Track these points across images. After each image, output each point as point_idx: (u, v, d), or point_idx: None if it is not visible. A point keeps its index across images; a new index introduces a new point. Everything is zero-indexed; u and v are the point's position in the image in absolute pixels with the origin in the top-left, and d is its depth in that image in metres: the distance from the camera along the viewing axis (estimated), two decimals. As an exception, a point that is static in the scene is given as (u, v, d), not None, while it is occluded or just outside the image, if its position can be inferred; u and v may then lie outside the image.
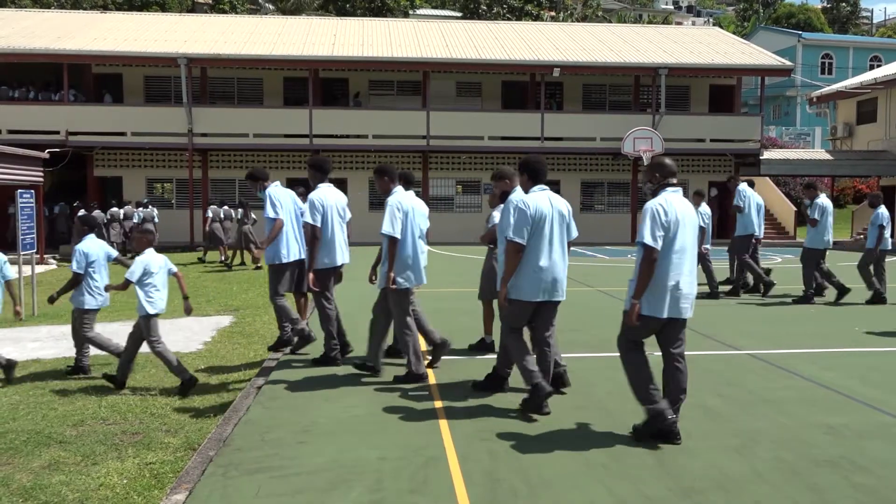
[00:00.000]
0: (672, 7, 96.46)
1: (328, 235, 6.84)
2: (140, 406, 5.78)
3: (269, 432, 4.98)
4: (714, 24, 60.77)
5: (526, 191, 5.44)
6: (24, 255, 10.82)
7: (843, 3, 74.54)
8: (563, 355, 6.30)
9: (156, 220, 20.18)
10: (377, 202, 25.69)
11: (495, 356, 6.23)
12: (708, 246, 12.19)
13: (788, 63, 27.14)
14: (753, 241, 12.24)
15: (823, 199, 11.32)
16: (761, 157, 25.61)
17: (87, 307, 6.73)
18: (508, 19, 43.75)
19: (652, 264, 4.63)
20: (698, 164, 26.75)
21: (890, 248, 11.53)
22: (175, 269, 6.57)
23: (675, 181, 4.86)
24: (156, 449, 4.81)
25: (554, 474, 4.23)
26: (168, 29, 26.55)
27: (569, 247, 5.58)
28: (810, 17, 65.88)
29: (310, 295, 7.88)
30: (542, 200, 5.31)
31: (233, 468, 4.33)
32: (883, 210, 11.44)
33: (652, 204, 4.73)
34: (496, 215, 6.76)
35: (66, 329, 9.33)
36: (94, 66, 25.16)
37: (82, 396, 6.07)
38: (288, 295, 7.61)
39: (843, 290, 11.39)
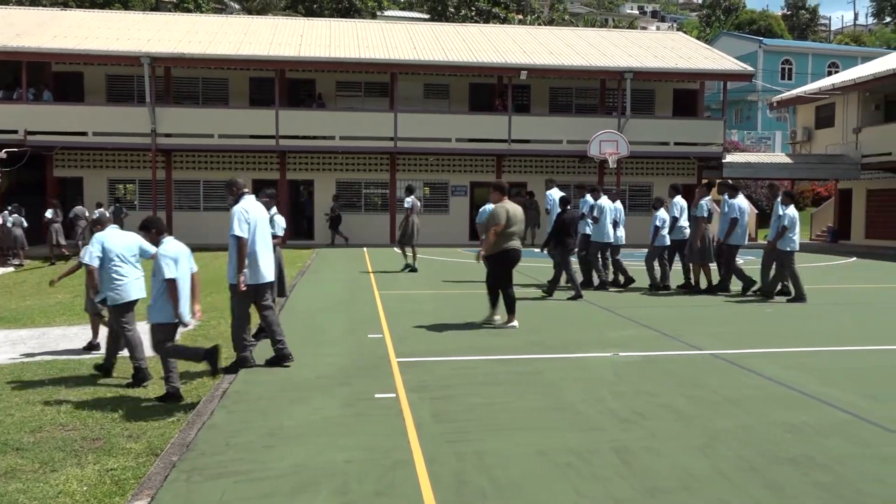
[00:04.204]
0: (637, 12, 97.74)
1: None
2: (101, 411, 5.66)
3: (234, 436, 4.91)
4: (678, 30, 61.69)
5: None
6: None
7: (803, 11, 76.35)
8: (526, 357, 6.33)
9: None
10: (344, 204, 25.60)
11: (466, 357, 6.23)
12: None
13: (750, 68, 27.67)
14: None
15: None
16: (724, 161, 26.05)
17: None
18: (476, 22, 43.89)
19: None
20: (663, 167, 27.12)
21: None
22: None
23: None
24: (117, 455, 4.71)
25: (521, 476, 4.24)
26: (131, 27, 26.10)
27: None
28: (771, 24, 67.29)
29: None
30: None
31: (196, 473, 4.27)
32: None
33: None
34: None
35: (24, 333, 9.13)
36: (55, 65, 24.63)
37: (40, 402, 5.93)
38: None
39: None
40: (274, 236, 8.24)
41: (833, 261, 20.28)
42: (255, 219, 6.55)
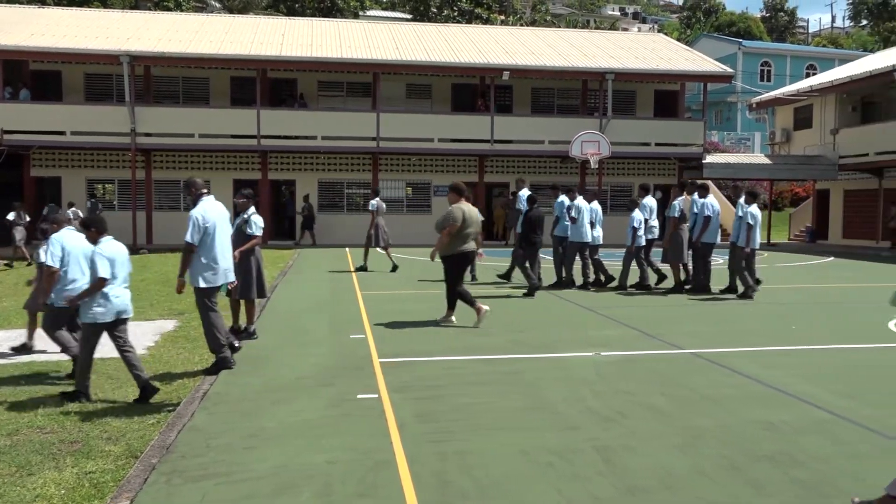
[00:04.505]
0: (618, 13, 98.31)
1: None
2: (79, 413, 5.60)
3: (214, 438, 4.88)
4: (658, 31, 62.12)
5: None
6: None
7: (781, 13, 77.22)
8: (509, 357, 6.35)
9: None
10: (326, 205, 25.52)
11: (447, 357, 6.23)
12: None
13: (729, 70, 27.92)
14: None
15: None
16: (704, 161, 26.28)
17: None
18: (458, 22, 43.91)
19: None
20: (644, 167, 27.30)
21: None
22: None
23: None
24: (95, 457, 4.66)
25: (503, 475, 4.25)
26: (110, 26, 25.83)
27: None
28: (750, 26, 68.03)
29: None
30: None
31: (177, 475, 4.23)
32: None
33: None
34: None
35: (1, 335, 8.99)
36: (32, 63, 24.32)
37: (17, 405, 5.84)
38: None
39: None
40: (252, 237, 8.20)
41: (811, 260, 20.51)
42: (213, 222, 6.45)
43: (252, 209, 8.38)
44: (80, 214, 20.53)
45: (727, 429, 5.12)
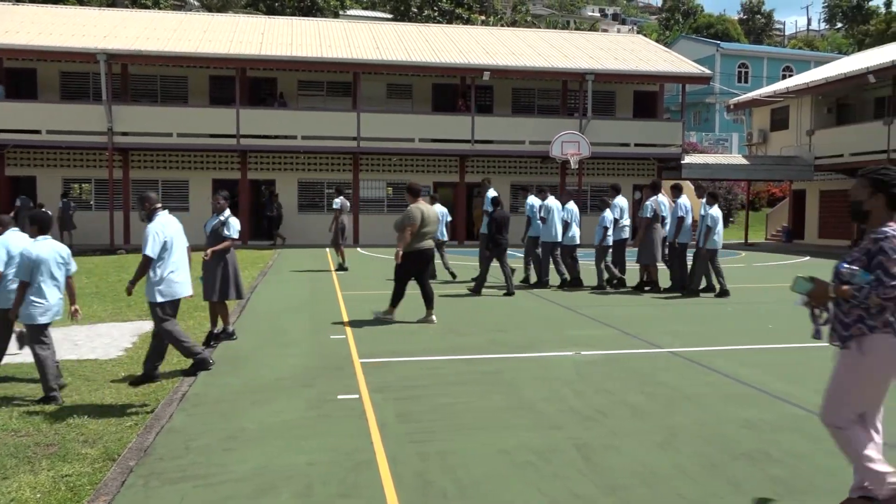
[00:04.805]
0: (598, 15, 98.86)
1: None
2: (55, 416, 5.52)
3: (193, 440, 4.84)
4: (638, 33, 62.56)
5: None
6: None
7: (758, 16, 78.10)
8: (490, 356, 6.36)
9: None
10: (306, 205, 25.42)
11: (428, 357, 6.22)
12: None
13: (708, 71, 28.18)
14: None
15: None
16: (683, 162, 26.51)
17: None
18: (439, 22, 43.90)
19: None
20: (623, 168, 27.48)
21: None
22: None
23: None
24: (72, 461, 4.60)
25: (484, 475, 4.26)
26: (86, 23, 25.51)
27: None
28: (728, 28, 68.75)
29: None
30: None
31: (155, 478, 4.19)
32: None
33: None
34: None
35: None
36: (6, 61, 23.94)
37: (-8, 407, 5.76)
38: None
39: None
40: (228, 239, 8.14)
41: (788, 260, 20.78)
42: (170, 237, 6.38)
43: (227, 212, 8.30)
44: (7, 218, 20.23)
45: (706, 427, 5.17)
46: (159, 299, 6.26)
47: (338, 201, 16.14)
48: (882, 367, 3.52)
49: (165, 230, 6.28)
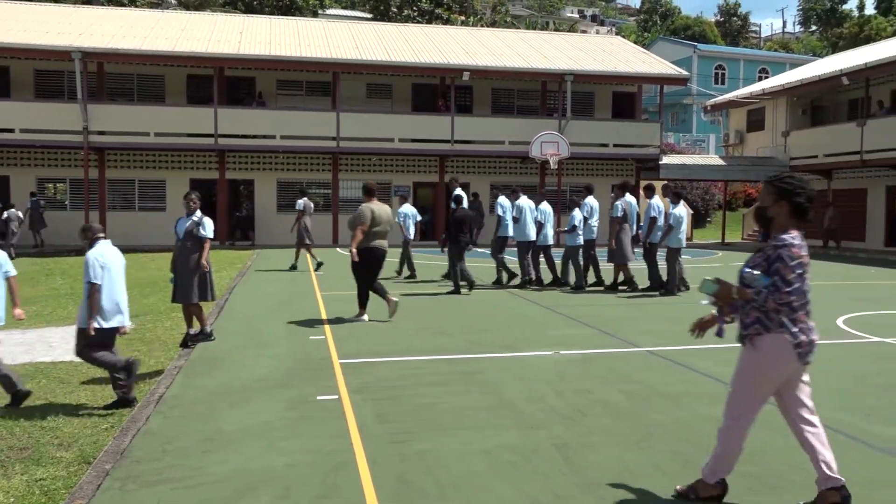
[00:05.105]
0: (577, 16, 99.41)
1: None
2: (29, 419, 5.45)
3: (170, 442, 4.80)
4: (616, 34, 62.95)
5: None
6: None
7: (735, 18, 78.98)
8: (469, 356, 6.38)
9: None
10: (285, 205, 25.30)
11: (408, 358, 6.22)
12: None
13: (685, 73, 28.44)
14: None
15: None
16: (661, 162, 26.74)
17: None
18: (419, 22, 43.88)
19: None
20: (602, 168, 27.65)
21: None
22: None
23: None
24: (46, 464, 4.55)
25: (464, 475, 4.27)
26: (61, 20, 25.15)
27: None
28: (705, 30, 69.41)
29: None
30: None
31: (131, 481, 4.16)
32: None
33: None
34: None
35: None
36: (-22, 58, 23.59)
37: (-36, 411, 5.67)
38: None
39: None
40: (206, 240, 8.06)
41: (763, 259, 20.99)
42: (109, 265, 6.23)
43: (199, 213, 8.20)
44: (20, 216, 19.97)
45: (681, 424, 5.23)
46: (94, 325, 5.99)
47: (301, 202, 16.19)
48: (774, 364, 3.72)
49: (104, 258, 6.05)
